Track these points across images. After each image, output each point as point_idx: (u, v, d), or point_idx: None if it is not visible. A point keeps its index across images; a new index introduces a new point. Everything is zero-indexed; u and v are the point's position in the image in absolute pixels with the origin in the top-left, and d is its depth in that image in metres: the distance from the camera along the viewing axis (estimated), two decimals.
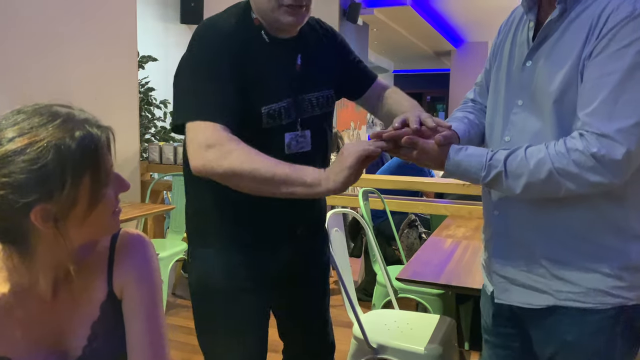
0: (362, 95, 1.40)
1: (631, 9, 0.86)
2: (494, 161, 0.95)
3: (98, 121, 0.81)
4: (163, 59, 5.23)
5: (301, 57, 1.25)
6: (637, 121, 0.86)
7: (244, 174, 1.02)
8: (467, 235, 2.21)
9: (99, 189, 0.78)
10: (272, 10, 1.15)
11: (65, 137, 0.74)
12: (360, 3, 6.77)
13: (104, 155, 0.79)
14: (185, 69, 1.17)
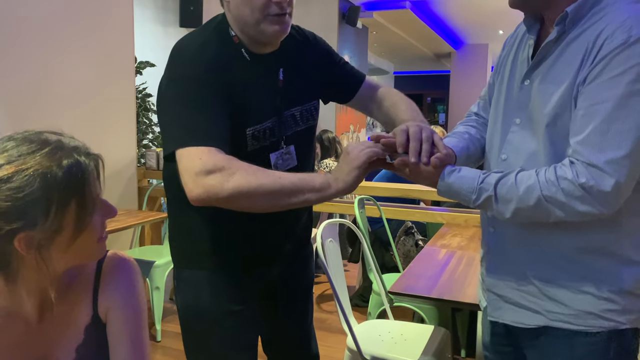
0: (352, 97, 1.36)
1: (626, 36, 0.85)
2: (485, 185, 0.95)
3: (88, 149, 0.82)
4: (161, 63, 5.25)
5: (283, 71, 1.21)
6: (627, 152, 0.85)
7: (252, 192, 0.98)
8: (462, 245, 2.20)
9: (84, 217, 0.78)
10: (256, 22, 1.11)
11: (52, 165, 0.75)
12: (359, 6, 6.77)
13: (91, 183, 0.79)
14: (168, 97, 1.11)
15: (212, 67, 1.10)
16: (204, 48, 1.12)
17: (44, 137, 0.79)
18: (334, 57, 1.35)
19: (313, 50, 1.29)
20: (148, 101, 4.18)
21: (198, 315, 1.24)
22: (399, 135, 1.00)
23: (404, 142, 1.00)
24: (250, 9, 1.10)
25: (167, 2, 6.35)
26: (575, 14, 0.92)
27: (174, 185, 1.16)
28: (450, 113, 10.81)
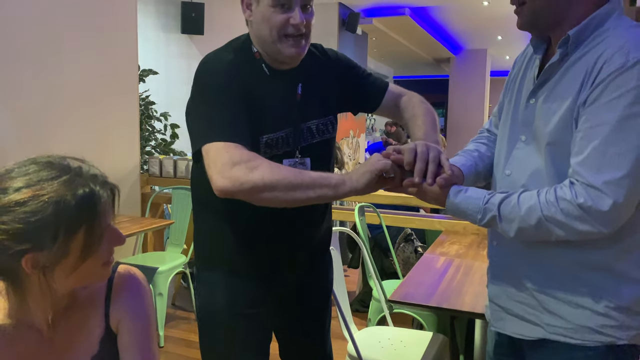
0: (378, 107, 1.41)
1: (623, 60, 0.87)
2: (490, 205, 0.98)
3: (105, 178, 0.86)
4: (164, 69, 5.28)
5: (302, 87, 1.28)
6: (625, 174, 0.87)
7: (274, 184, 1.05)
8: (460, 253, 2.25)
9: (92, 245, 0.82)
10: (273, 42, 1.19)
11: (67, 194, 0.79)
12: (359, 13, 6.82)
13: (102, 213, 0.83)
14: (195, 101, 1.21)
15: (234, 77, 1.18)
16: (228, 60, 1.21)
17: (66, 163, 0.83)
18: (357, 70, 1.41)
19: (334, 67, 1.35)
20: (151, 108, 4.22)
21: (213, 317, 1.30)
22: (407, 154, 1.04)
23: (411, 161, 1.04)
24: (269, 28, 1.18)
25: (168, 9, 6.39)
26: (577, 37, 0.96)
27: (199, 187, 1.26)
28: (450, 117, 10.84)
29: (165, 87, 6.02)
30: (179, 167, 3.61)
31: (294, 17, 1.16)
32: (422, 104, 1.39)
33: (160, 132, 4.33)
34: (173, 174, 3.62)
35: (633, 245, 0.97)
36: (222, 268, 1.30)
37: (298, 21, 1.16)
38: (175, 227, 3.28)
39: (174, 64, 6.43)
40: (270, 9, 1.17)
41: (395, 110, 1.42)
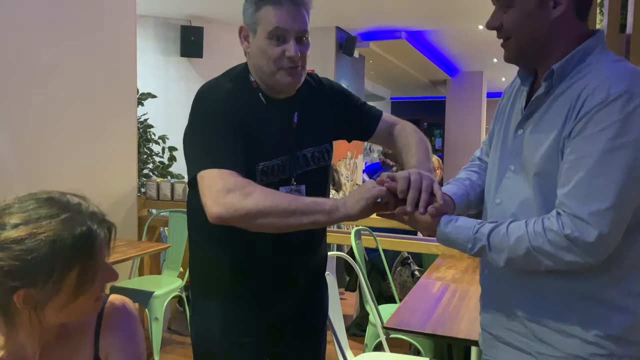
0: (372, 135, 1.44)
1: (605, 95, 0.90)
2: (479, 234, 1.00)
3: (104, 216, 0.87)
4: (162, 92, 5.33)
5: (297, 115, 1.30)
6: (610, 205, 0.89)
7: (268, 210, 1.06)
8: (456, 278, 2.25)
9: (85, 283, 0.83)
10: (271, 73, 1.21)
11: (64, 233, 0.79)
12: (356, 37, 6.92)
13: (97, 252, 0.84)
14: (192, 128, 1.23)
15: (232, 105, 1.21)
16: (226, 89, 1.24)
17: (66, 200, 0.84)
18: (352, 99, 1.44)
19: (329, 96, 1.38)
20: (149, 131, 4.25)
21: (209, 346, 1.30)
22: (401, 183, 1.06)
23: (404, 190, 1.05)
24: (266, 60, 1.21)
25: (168, 32, 6.49)
26: (561, 71, 0.99)
27: (195, 214, 1.26)
28: (447, 138, 10.92)
29: (163, 109, 6.07)
30: (176, 190, 3.62)
31: (289, 49, 1.19)
32: (415, 132, 1.41)
33: (158, 155, 4.35)
34: (170, 197, 3.63)
35: (621, 274, 0.98)
36: (218, 296, 1.31)
37: (293, 54, 1.19)
38: (172, 251, 3.28)
39: (172, 86, 6.50)
40: (267, 42, 1.20)
41: (389, 138, 1.44)
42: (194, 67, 6.66)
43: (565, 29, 1.00)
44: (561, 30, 1.00)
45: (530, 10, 0.99)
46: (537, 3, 0.98)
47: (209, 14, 6.32)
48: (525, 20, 1.00)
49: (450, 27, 6.82)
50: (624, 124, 0.88)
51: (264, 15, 1.19)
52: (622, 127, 0.88)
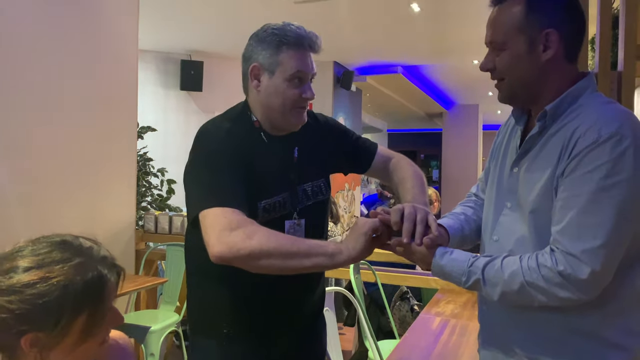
0: (368, 168, 1.46)
1: (596, 136, 0.93)
2: (474, 268, 1.01)
3: (114, 260, 0.87)
4: (161, 124, 5.38)
5: (298, 150, 1.32)
6: (602, 243, 0.91)
7: (271, 251, 1.05)
8: (455, 313, 2.23)
9: (92, 328, 0.83)
10: (283, 112, 1.24)
11: (76, 277, 0.80)
12: (353, 71, 7.05)
13: (107, 296, 0.84)
14: (193, 168, 1.23)
15: (232, 144, 1.22)
16: (227, 129, 1.25)
17: (78, 244, 0.84)
18: (347, 133, 1.47)
19: (325, 131, 1.41)
20: (148, 164, 4.27)
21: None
22: (394, 215, 1.08)
23: (397, 221, 1.07)
24: (282, 100, 1.23)
25: (168, 66, 6.60)
26: (553, 112, 1.02)
27: (195, 253, 1.25)
28: (444, 170, 10.98)
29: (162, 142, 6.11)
30: (174, 223, 3.61)
31: (306, 91, 1.24)
32: (410, 166, 1.43)
33: (157, 188, 4.36)
34: (168, 230, 3.63)
35: (616, 311, 0.99)
36: (217, 334, 1.29)
37: (310, 96, 1.24)
38: (169, 285, 3.25)
39: (172, 118, 6.57)
40: (286, 83, 1.22)
41: (384, 172, 1.47)
42: (193, 100, 6.75)
43: (555, 71, 1.03)
44: (552, 72, 1.03)
45: (521, 53, 1.03)
46: (528, 47, 1.02)
47: (209, 49, 6.44)
48: (517, 63, 1.04)
49: (446, 61, 6.97)
50: (615, 164, 0.91)
51: (285, 58, 1.21)
52: (613, 168, 0.91)
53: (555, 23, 1.01)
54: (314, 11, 4.75)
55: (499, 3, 1.06)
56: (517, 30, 1.02)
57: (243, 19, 5.02)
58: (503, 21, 1.04)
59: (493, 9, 1.07)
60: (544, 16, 1.01)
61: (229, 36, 5.78)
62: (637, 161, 0.91)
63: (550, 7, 1.02)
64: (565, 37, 1.02)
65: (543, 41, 1.01)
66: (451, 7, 4.61)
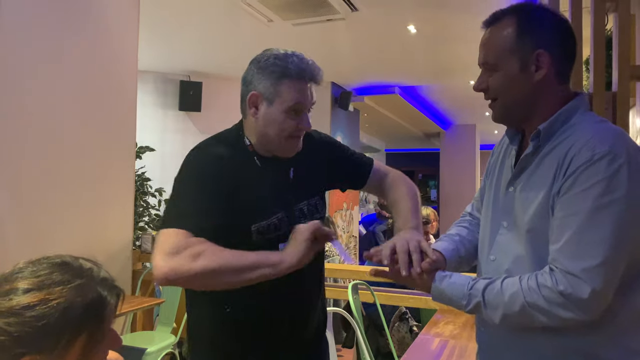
0: (365, 184, 1.45)
1: (590, 154, 0.94)
2: (474, 291, 1.00)
3: (114, 281, 0.87)
4: (159, 145, 5.40)
5: (293, 170, 1.32)
6: (601, 261, 0.91)
7: (216, 270, 1.05)
8: (454, 334, 2.21)
9: (91, 350, 0.82)
10: (279, 141, 1.24)
11: (76, 300, 0.79)
12: (351, 92, 7.10)
13: (106, 318, 0.83)
14: (173, 188, 1.22)
15: (217, 168, 1.21)
16: (216, 152, 1.24)
17: (78, 265, 0.84)
18: (342, 149, 1.47)
19: (321, 148, 1.41)
20: (146, 184, 4.27)
21: None
22: (385, 250, 1.09)
23: (388, 256, 1.08)
24: (278, 130, 1.23)
25: (167, 87, 6.64)
26: (547, 131, 1.03)
27: None
28: (442, 189, 10.98)
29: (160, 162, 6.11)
30: None
31: (303, 121, 1.24)
32: (404, 186, 1.42)
33: (155, 208, 4.35)
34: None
35: (616, 331, 0.98)
36: (216, 355, 1.29)
37: (306, 126, 1.25)
38: (166, 306, 3.22)
39: (170, 139, 6.58)
40: (284, 114, 1.22)
41: (380, 189, 1.47)
42: (191, 120, 6.77)
43: (547, 91, 1.05)
44: (544, 92, 1.05)
45: (513, 74, 1.04)
46: (520, 67, 1.04)
47: (208, 70, 6.49)
48: (509, 83, 1.05)
49: (443, 82, 7.03)
50: (610, 182, 0.92)
51: (285, 89, 1.21)
52: (608, 185, 0.92)
53: (546, 44, 1.03)
54: (312, 33, 4.81)
55: (491, 24, 1.08)
56: (509, 51, 1.04)
57: (242, 41, 5.08)
58: (495, 42, 1.06)
59: (485, 31, 1.09)
60: (535, 37, 1.03)
61: (228, 57, 5.85)
62: (631, 178, 0.92)
63: (541, 28, 1.04)
64: (556, 57, 1.03)
65: (535, 62, 1.03)
66: (447, 28, 4.68)
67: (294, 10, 4.24)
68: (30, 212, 2.73)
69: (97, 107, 3.16)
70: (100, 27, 3.18)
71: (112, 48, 3.28)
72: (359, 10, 4.21)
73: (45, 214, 2.81)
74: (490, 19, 1.09)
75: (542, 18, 1.06)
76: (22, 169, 2.69)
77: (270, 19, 4.44)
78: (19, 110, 2.67)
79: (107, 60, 3.24)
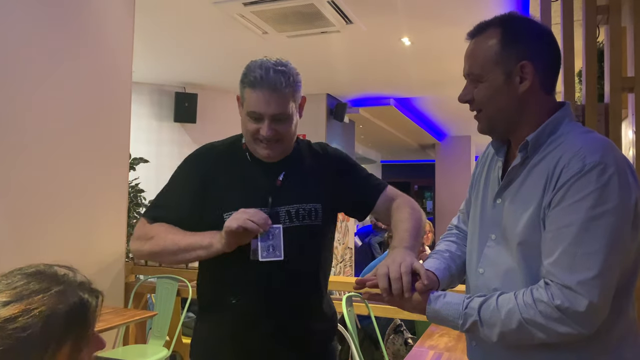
0: (373, 208, 1.44)
1: (580, 165, 0.93)
2: (469, 310, 0.99)
3: (91, 284, 0.86)
4: (154, 156, 5.38)
5: (284, 174, 1.35)
6: (596, 273, 0.89)
7: (159, 252, 1.31)
8: (449, 346, 2.20)
9: (78, 354, 0.81)
10: (249, 142, 1.36)
11: (58, 306, 0.78)
12: (346, 103, 7.13)
13: (89, 321, 0.83)
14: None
15: (211, 157, 1.40)
16: (212, 146, 1.44)
17: (53, 272, 0.83)
18: (356, 168, 1.47)
19: (327, 162, 1.44)
20: (140, 196, 4.25)
21: None
22: (381, 282, 1.06)
23: (385, 287, 1.05)
24: (244, 130, 1.35)
25: (162, 99, 6.64)
26: (535, 142, 1.02)
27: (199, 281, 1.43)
28: (437, 201, 10.99)
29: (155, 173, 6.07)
30: None
31: (262, 129, 1.30)
32: (408, 208, 1.40)
33: None
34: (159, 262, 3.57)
35: (610, 344, 0.97)
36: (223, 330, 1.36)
37: (265, 134, 1.31)
38: (159, 319, 3.18)
39: (165, 150, 6.57)
40: (247, 117, 1.33)
41: (387, 213, 1.44)
42: (187, 132, 6.77)
43: (533, 102, 1.04)
44: (529, 103, 1.04)
45: (498, 85, 1.04)
46: (504, 79, 1.03)
47: (203, 81, 6.51)
48: (494, 94, 1.05)
49: (437, 94, 7.06)
50: (602, 192, 0.91)
51: (246, 95, 1.32)
52: (600, 196, 0.91)
53: (530, 55, 1.02)
54: (307, 45, 4.84)
55: (475, 35, 1.08)
56: (493, 62, 1.04)
57: (237, 52, 5.10)
58: (480, 54, 1.06)
59: (470, 41, 1.09)
60: (519, 49, 1.03)
61: (223, 69, 5.86)
62: (621, 189, 0.92)
63: (524, 40, 1.04)
64: (540, 68, 1.03)
65: (519, 73, 1.03)
66: (441, 40, 4.71)
67: (288, 23, 4.27)
68: (21, 223, 2.71)
69: (91, 119, 3.15)
70: (95, 39, 3.18)
71: (107, 59, 3.28)
72: (354, 22, 4.24)
73: (37, 225, 2.79)
74: (474, 30, 1.09)
75: (526, 29, 1.06)
76: (14, 179, 2.67)
77: (265, 31, 4.46)
78: (13, 120, 2.65)
79: (102, 71, 3.24)
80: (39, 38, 2.80)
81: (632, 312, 1.01)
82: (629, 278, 0.98)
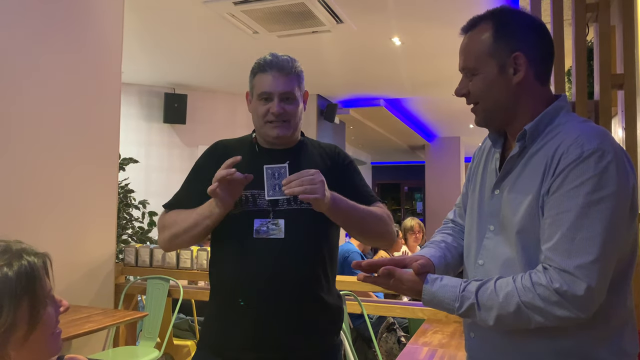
0: None
1: (579, 152, 0.95)
2: (467, 292, 0.99)
3: (34, 249, 0.92)
4: (144, 157, 5.35)
5: (289, 163, 1.36)
6: (595, 258, 0.90)
7: (174, 233, 1.43)
8: (442, 343, 2.20)
9: (37, 312, 0.86)
10: (261, 127, 1.46)
11: (3, 267, 0.84)
12: (337, 104, 7.14)
13: (41, 279, 0.88)
14: None
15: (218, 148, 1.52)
16: (228, 141, 1.56)
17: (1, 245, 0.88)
18: (356, 175, 1.53)
19: (328, 158, 1.51)
20: (129, 196, 4.21)
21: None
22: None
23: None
24: (257, 116, 1.46)
25: (152, 100, 6.60)
26: (533, 131, 1.03)
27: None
28: (427, 202, 11.04)
29: (144, 174, 6.05)
30: (155, 256, 3.53)
31: (272, 107, 1.43)
32: (383, 212, 1.48)
33: (138, 220, 4.28)
34: (149, 263, 3.54)
35: (608, 332, 0.98)
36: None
37: (275, 110, 1.42)
38: (149, 320, 3.15)
39: (154, 151, 6.53)
40: (257, 102, 1.45)
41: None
42: (176, 133, 6.73)
43: (528, 93, 1.06)
44: (524, 94, 1.06)
45: (492, 77, 1.06)
46: (498, 70, 1.05)
47: (193, 82, 6.48)
48: (489, 86, 1.06)
49: (427, 95, 7.10)
50: (600, 178, 0.92)
51: (257, 81, 1.46)
52: (598, 182, 0.92)
53: (523, 47, 1.04)
54: (297, 45, 4.83)
55: (469, 30, 1.10)
56: (487, 55, 1.06)
57: (227, 53, 5.09)
58: (473, 47, 1.08)
59: (464, 36, 1.11)
60: (511, 40, 1.05)
61: (213, 69, 5.84)
62: (619, 175, 0.93)
63: (517, 31, 1.06)
64: (533, 59, 1.05)
65: (512, 64, 1.04)
66: (431, 41, 4.74)
67: (279, 22, 4.26)
68: (9, 223, 2.66)
69: (80, 119, 3.12)
70: (84, 39, 3.15)
71: (96, 60, 3.25)
72: (344, 22, 4.25)
73: (26, 225, 2.75)
74: (467, 25, 1.11)
75: (518, 21, 1.08)
76: (1, 180, 2.63)
77: (255, 31, 4.45)
78: (1, 121, 2.62)
79: (90, 72, 3.21)
80: (25, 39, 2.76)
81: (630, 302, 1.02)
82: (626, 265, 0.99)
